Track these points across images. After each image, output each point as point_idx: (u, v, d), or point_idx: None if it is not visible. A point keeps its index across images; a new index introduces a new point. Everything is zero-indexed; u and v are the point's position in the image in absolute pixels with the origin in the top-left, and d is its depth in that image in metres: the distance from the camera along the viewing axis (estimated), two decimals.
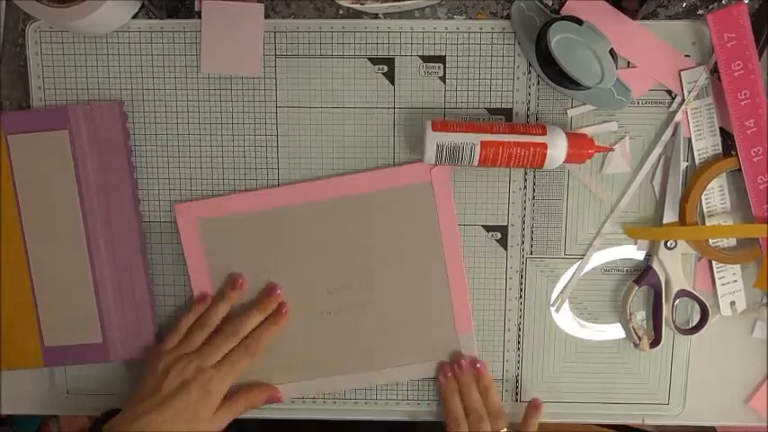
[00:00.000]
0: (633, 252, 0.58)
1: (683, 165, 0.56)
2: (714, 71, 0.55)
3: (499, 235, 0.58)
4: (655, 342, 0.58)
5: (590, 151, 0.54)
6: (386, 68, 0.57)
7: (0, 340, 0.58)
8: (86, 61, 0.57)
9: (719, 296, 0.58)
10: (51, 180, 0.57)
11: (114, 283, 0.58)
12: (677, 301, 0.57)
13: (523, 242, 0.58)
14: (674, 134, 0.56)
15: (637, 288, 0.58)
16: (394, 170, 0.57)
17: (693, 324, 0.58)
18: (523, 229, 0.58)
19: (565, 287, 0.59)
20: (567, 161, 0.54)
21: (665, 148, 0.56)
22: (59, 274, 0.58)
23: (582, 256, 0.58)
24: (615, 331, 0.59)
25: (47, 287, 0.58)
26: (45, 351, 0.59)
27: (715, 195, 0.56)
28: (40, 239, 0.57)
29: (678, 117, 0.56)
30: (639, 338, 0.58)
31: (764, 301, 0.58)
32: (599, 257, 0.58)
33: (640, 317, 0.59)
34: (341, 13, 0.56)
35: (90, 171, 0.57)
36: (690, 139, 0.56)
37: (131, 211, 0.58)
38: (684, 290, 0.57)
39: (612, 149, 0.56)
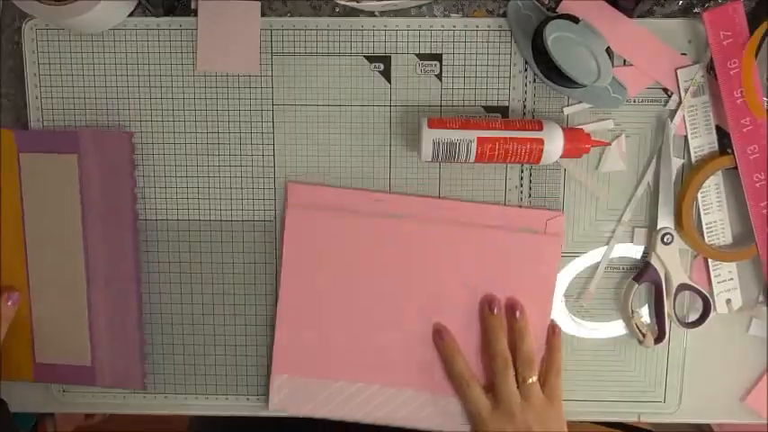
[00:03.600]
0: (630, 249, 0.58)
1: (677, 162, 0.56)
2: (710, 69, 0.55)
3: None
4: (659, 338, 0.58)
5: (586, 146, 0.54)
6: (382, 66, 0.57)
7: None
8: (83, 59, 0.57)
9: (715, 294, 0.58)
10: (57, 201, 0.57)
11: (108, 308, 0.58)
12: (678, 295, 0.57)
13: None
14: (666, 131, 0.56)
15: (637, 285, 0.58)
16: (513, 210, 0.57)
17: (696, 318, 0.58)
18: None
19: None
20: (563, 156, 0.54)
21: (661, 146, 0.56)
22: (57, 293, 0.58)
23: (578, 254, 0.58)
24: (611, 329, 0.59)
25: (43, 305, 0.58)
26: (36, 367, 0.59)
27: (711, 193, 0.57)
28: (42, 258, 0.58)
29: (674, 115, 0.56)
30: (644, 335, 0.58)
31: (761, 298, 0.58)
32: (596, 255, 0.58)
33: (643, 313, 0.59)
34: (337, 11, 0.56)
35: (94, 196, 0.57)
36: (686, 137, 0.56)
37: (130, 241, 0.58)
38: (685, 283, 0.57)
39: (609, 144, 0.56)
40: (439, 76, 0.57)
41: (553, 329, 0.58)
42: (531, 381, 0.54)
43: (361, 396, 0.58)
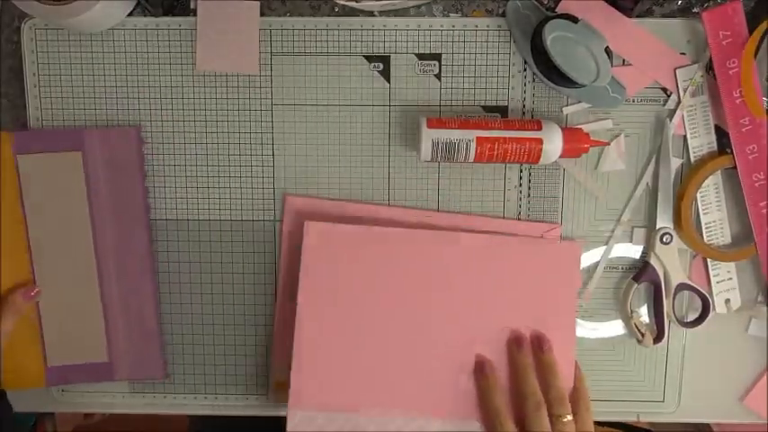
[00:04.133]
0: (630, 249, 0.58)
1: (676, 162, 0.56)
2: (709, 69, 0.55)
3: None
4: (658, 337, 0.58)
5: (585, 146, 0.54)
6: (381, 66, 0.57)
7: (1, 362, 0.57)
8: (82, 59, 0.57)
9: (714, 294, 0.58)
10: (63, 200, 0.57)
11: (123, 303, 0.58)
12: (677, 295, 0.58)
13: None
14: (665, 131, 0.56)
15: (636, 285, 0.58)
16: (511, 224, 0.57)
17: (695, 317, 0.58)
18: None
19: None
20: (562, 156, 0.54)
21: (660, 146, 0.56)
22: (67, 292, 0.57)
23: None
24: (610, 329, 0.59)
25: (53, 307, 0.58)
26: (48, 371, 0.58)
27: (710, 193, 0.57)
28: (49, 259, 0.57)
29: (673, 115, 0.56)
30: (643, 335, 0.58)
31: (760, 298, 0.58)
32: (595, 255, 0.58)
33: (642, 313, 0.59)
34: (336, 10, 0.56)
35: (103, 192, 0.57)
36: (685, 137, 0.56)
37: (143, 234, 0.58)
38: (684, 283, 0.57)
39: (608, 143, 0.56)
40: (438, 76, 0.57)
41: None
42: (566, 419, 0.52)
43: (386, 428, 0.56)
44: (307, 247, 0.55)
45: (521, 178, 0.58)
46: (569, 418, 0.52)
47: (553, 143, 0.53)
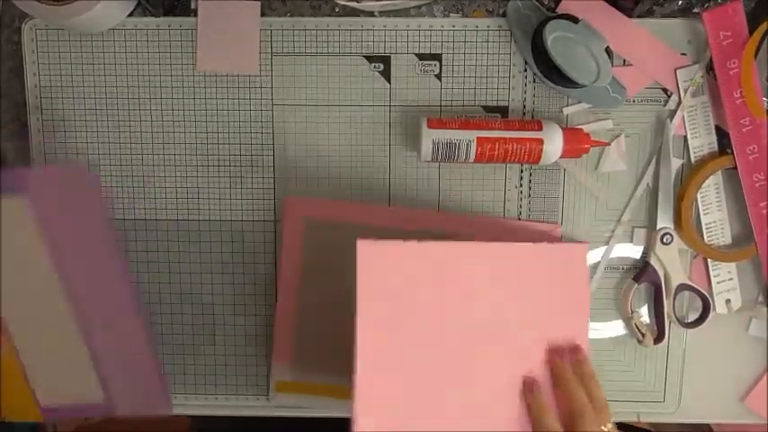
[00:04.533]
0: (630, 250, 0.58)
1: (677, 162, 0.56)
2: (710, 69, 0.55)
3: None
4: (658, 338, 0.58)
5: (586, 146, 0.54)
6: (382, 66, 0.57)
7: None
8: (82, 59, 0.57)
9: (715, 294, 0.58)
10: (15, 250, 0.50)
11: (111, 343, 0.54)
12: (678, 295, 0.58)
13: None
14: (665, 131, 0.56)
15: (636, 285, 0.58)
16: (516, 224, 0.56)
17: (695, 317, 0.58)
18: None
19: None
20: (563, 156, 0.54)
21: (661, 146, 0.57)
22: (44, 340, 0.53)
23: None
24: (611, 329, 0.59)
25: (33, 353, 0.53)
26: (43, 410, 0.55)
27: (710, 193, 0.57)
28: (17, 312, 0.52)
29: (673, 115, 0.56)
30: (643, 335, 0.58)
31: (760, 298, 0.58)
32: (596, 256, 0.58)
33: (642, 313, 0.59)
34: (337, 11, 0.56)
35: (62, 235, 0.50)
36: (685, 137, 0.56)
37: (116, 269, 0.55)
38: (684, 284, 0.57)
39: (609, 144, 0.56)
40: (438, 76, 0.57)
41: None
42: (607, 428, 0.51)
43: None
44: (361, 267, 0.51)
45: (521, 178, 0.58)
46: (610, 426, 0.51)
47: (554, 143, 0.53)
